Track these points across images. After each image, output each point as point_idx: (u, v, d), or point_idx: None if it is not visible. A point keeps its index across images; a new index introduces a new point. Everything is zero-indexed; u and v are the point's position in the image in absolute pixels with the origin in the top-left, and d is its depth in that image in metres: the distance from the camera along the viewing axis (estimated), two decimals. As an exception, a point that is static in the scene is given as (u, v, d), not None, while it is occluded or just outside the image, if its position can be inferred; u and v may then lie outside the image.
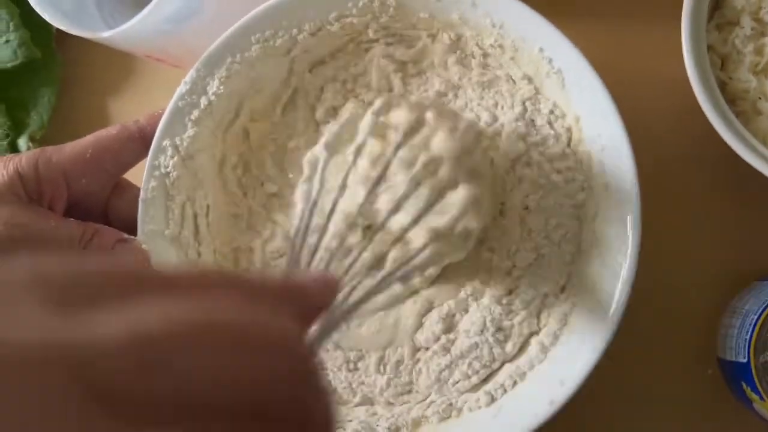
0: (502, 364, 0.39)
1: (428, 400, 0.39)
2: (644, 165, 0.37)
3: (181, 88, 0.41)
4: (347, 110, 0.42)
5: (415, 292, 0.39)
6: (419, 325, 0.40)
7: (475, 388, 0.39)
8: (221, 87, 0.41)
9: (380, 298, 0.31)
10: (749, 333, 0.36)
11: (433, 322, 0.39)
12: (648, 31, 0.44)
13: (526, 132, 0.40)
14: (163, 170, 0.41)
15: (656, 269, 0.42)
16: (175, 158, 0.41)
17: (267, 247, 0.42)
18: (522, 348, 0.39)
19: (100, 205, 0.43)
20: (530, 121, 0.40)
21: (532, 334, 0.39)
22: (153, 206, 0.41)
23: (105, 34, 0.38)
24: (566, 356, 0.37)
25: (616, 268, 0.36)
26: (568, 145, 0.39)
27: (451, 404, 0.39)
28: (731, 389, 0.39)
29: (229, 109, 0.42)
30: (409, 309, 0.40)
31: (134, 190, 0.42)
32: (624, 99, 0.38)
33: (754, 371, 0.35)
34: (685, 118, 0.41)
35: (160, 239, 0.41)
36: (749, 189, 0.42)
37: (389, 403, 0.40)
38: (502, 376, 0.38)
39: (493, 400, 0.38)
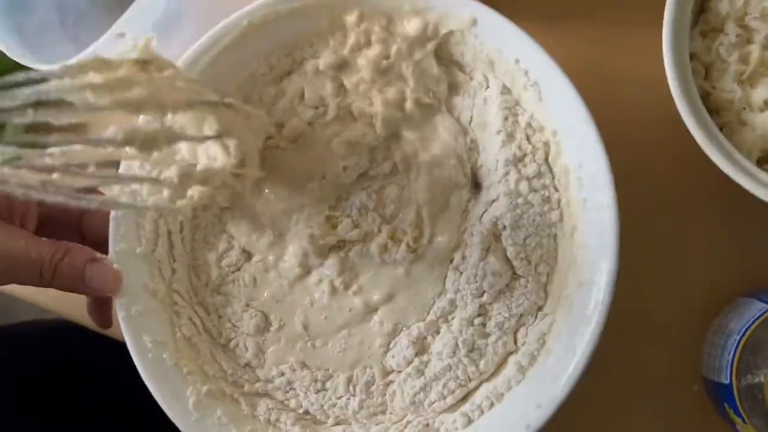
0: (480, 384, 0.38)
1: (405, 420, 0.39)
2: (624, 178, 0.36)
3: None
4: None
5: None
6: (387, 347, 0.39)
7: (452, 408, 0.38)
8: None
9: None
10: (731, 354, 0.35)
11: (403, 347, 0.38)
12: (630, 35, 0.42)
13: (505, 146, 0.38)
14: (132, 186, 0.40)
15: (640, 284, 0.41)
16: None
17: (223, 261, 0.41)
18: (499, 367, 0.38)
19: (74, 220, 0.42)
20: (509, 135, 0.39)
21: (509, 354, 0.38)
22: (124, 224, 0.40)
23: (71, 61, 0.37)
24: (544, 378, 0.36)
25: (595, 287, 0.35)
26: (546, 160, 0.38)
27: (428, 425, 0.38)
28: (715, 409, 0.38)
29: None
30: (375, 329, 0.39)
31: None
32: (604, 109, 0.37)
33: (736, 393, 0.34)
34: (668, 128, 0.40)
35: (132, 258, 0.40)
36: (734, 202, 0.41)
37: (365, 424, 0.39)
38: (479, 397, 0.37)
39: (470, 421, 0.37)
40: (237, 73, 0.41)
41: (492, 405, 0.37)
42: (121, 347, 0.39)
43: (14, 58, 0.39)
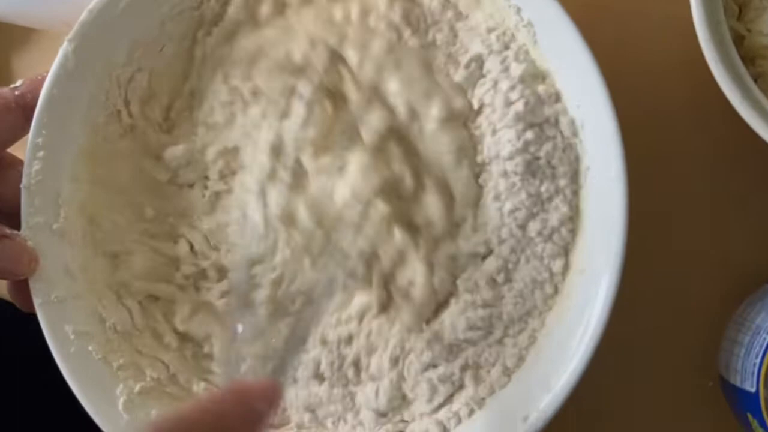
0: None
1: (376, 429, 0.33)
2: (635, 142, 0.29)
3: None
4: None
5: None
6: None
7: (429, 413, 0.32)
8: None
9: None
10: (760, 357, 0.29)
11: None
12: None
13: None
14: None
15: (651, 266, 0.35)
16: (63, 135, 0.34)
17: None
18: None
19: None
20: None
21: None
22: (39, 194, 0.34)
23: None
24: (533, 382, 0.30)
25: (597, 277, 0.29)
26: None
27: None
28: (735, 414, 0.32)
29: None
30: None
31: (21, 169, 0.35)
32: (611, 54, 0.30)
33: (763, 404, 0.28)
34: (690, 79, 0.33)
35: (48, 234, 0.34)
36: (766, 168, 0.34)
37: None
38: (458, 402, 0.32)
39: (444, 430, 0.32)
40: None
41: (472, 412, 0.31)
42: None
43: None
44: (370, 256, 0.32)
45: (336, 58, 0.33)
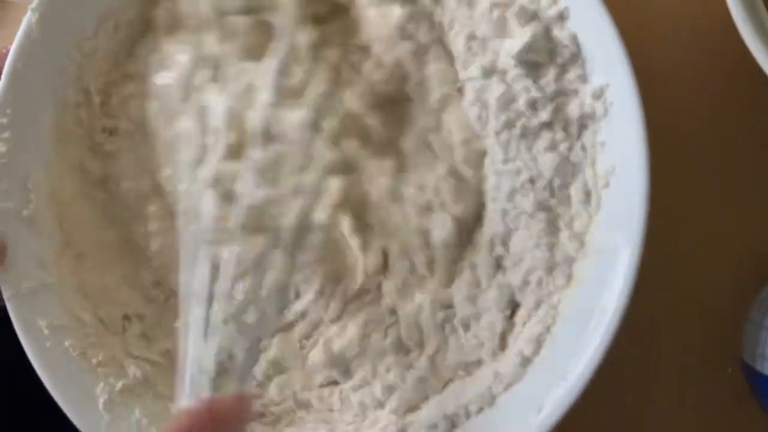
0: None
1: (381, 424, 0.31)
2: (657, 124, 0.27)
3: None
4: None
5: None
6: None
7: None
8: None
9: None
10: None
11: None
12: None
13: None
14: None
15: (670, 249, 0.33)
16: (31, 114, 0.31)
17: None
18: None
19: None
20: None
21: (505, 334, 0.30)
22: (6, 178, 0.31)
23: None
24: (548, 373, 0.28)
25: (614, 259, 0.27)
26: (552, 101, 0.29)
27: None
28: (760, 403, 0.30)
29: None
30: None
31: None
32: (635, 31, 0.28)
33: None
34: (724, 58, 0.31)
35: (17, 221, 0.31)
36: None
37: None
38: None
39: (453, 426, 0.29)
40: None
41: (481, 410, 0.29)
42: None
43: None
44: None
45: None
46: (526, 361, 0.29)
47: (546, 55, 0.29)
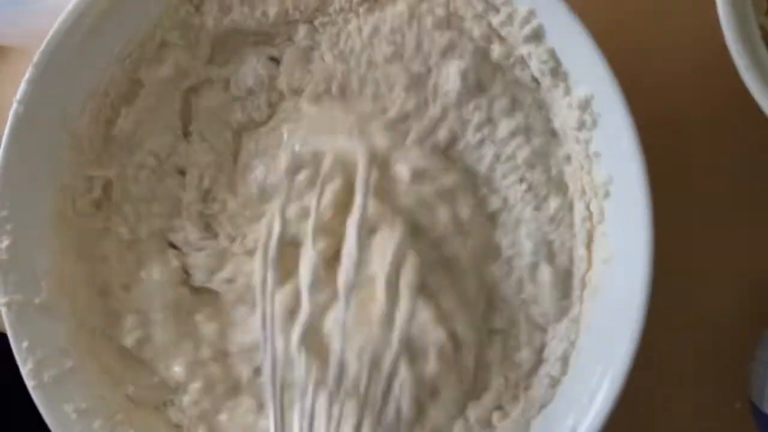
0: None
1: None
2: (655, 144, 0.27)
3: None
4: None
5: None
6: None
7: None
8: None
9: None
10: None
11: None
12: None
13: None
14: None
15: (673, 278, 0.33)
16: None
17: None
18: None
19: None
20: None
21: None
22: (13, 271, 0.31)
23: None
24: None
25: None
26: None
27: None
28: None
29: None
30: None
31: None
32: (623, 49, 0.28)
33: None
34: (713, 78, 0.30)
35: (31, 311, 0.31)
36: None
37: None
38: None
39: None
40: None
41: None
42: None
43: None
44: None
45: None
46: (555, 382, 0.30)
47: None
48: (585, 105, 0.28)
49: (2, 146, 0.30)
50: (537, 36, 0.28)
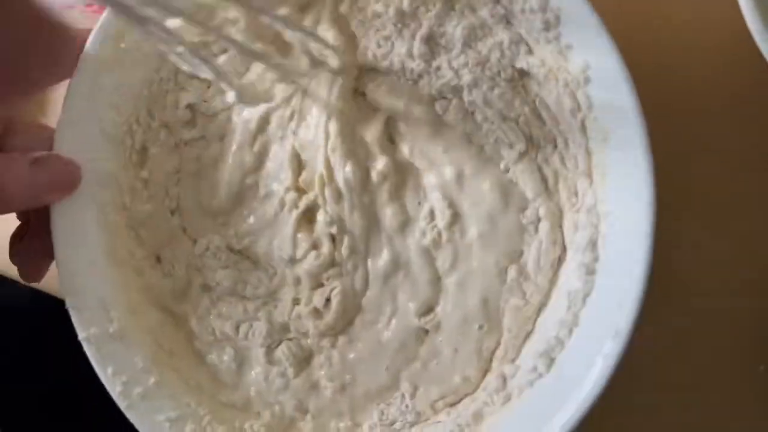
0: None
1: None
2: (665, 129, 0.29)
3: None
4: None
5: None
6: None
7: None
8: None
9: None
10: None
11: None
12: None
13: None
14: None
15: (697, 244, 0.34)
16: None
17: None
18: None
19: None
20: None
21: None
22: (86, 309, 0.34)
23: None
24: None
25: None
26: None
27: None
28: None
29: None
30: None
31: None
32: (641, 40, 0.30)
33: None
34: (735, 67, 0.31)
35: (108, 341, 0.34)
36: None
37: None
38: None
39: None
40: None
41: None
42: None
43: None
44: None
45: None
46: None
47: None
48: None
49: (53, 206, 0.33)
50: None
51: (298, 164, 0.35)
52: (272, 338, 0.36)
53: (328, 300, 0.35)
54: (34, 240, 0.34)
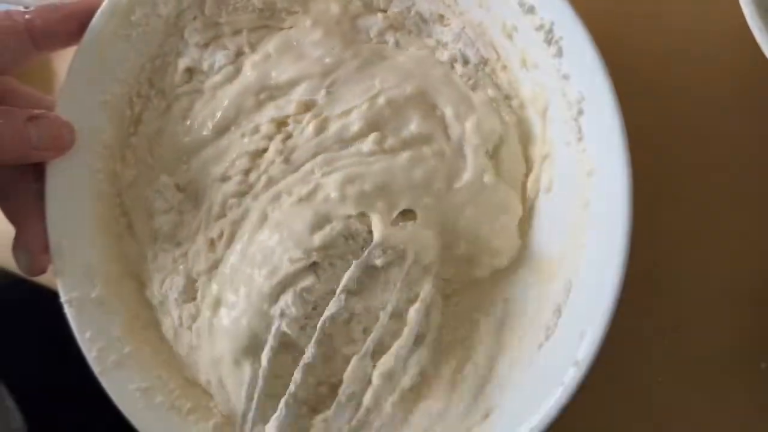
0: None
1: None
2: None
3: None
4: None
5: None
6: None
7: None
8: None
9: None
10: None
11: None
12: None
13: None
14: None
15: (696, 242, 0.34)
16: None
17: None
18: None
19: None
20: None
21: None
22: (68, 272, 0.35)
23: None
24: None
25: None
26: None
27: None
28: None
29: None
30: None
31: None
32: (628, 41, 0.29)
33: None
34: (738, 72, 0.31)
35: (88, 305, 0.35)
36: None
37: None
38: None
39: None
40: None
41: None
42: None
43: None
44: None
45: None
46: None
47: None
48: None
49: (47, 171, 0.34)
50: None
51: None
52: (186, 294, 0.36)
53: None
54: (36, 234, 0.34)
